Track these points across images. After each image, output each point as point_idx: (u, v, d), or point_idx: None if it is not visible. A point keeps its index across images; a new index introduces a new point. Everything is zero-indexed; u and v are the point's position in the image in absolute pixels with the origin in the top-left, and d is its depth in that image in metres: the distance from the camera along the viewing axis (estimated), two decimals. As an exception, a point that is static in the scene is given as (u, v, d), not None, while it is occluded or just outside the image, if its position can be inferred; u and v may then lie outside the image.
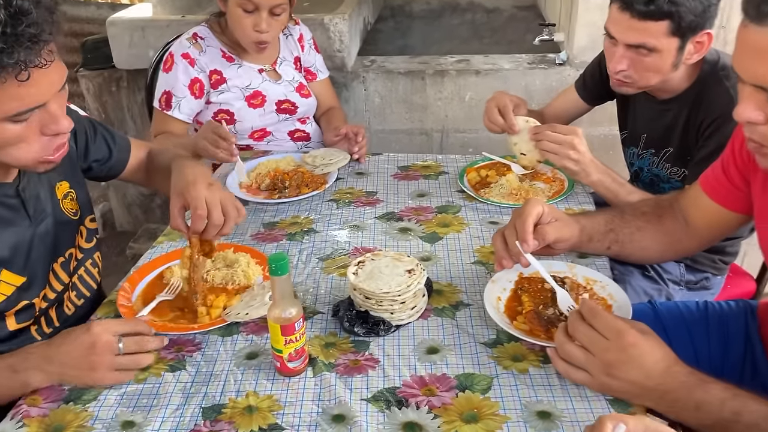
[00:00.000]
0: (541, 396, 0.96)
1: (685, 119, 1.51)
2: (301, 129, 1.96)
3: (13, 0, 0.88)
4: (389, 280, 1.10)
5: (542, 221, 1.13)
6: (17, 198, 1.13)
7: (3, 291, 1.10)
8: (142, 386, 1.01)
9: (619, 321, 0.95)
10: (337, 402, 0.96)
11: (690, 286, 1.67)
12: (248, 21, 1.71)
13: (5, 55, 0.88)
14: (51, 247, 1.20)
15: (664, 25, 1.35)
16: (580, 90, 1.83)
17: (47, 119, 1.00)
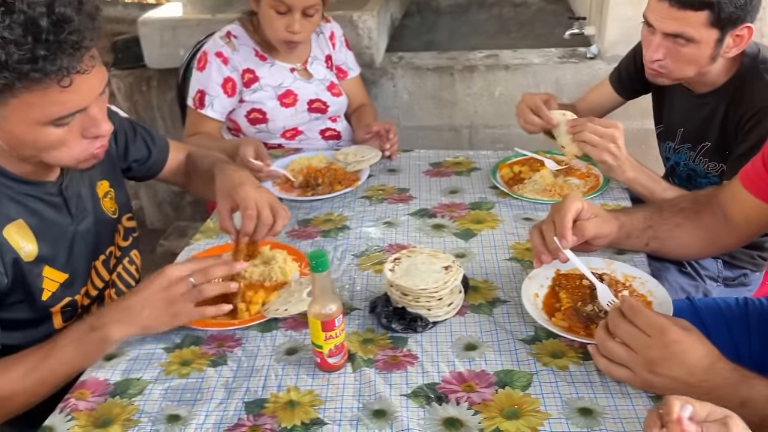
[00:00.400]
0: (582, 393, 0.95)
1: (724, 113, 1.48)
2: (332, 128, 1.97)
3: (55, 7, 0.90)
4: (426, 277, 1.11)
5: (581, 217, 1.12)
6: (60, 196, 1.16)
7: (48, 287, 1.13)
8: (186, 381, 1.03)
9: (662, 318, 0.94)
10: (378, 397, 0.97)
11: (728, 282, 1.65)
12: (281, 22, 1.72)
13: (48, 62, 0.90)
14: (92, 244, 1.23)
15: (704, 16, 1.32)
16: (614, 83, 1.80)
17: (88, 123, 1.03)
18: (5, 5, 0.88)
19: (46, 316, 1.16)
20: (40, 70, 0.90)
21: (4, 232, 1.05)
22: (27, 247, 1.09)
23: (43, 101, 0.95)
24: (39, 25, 0.89)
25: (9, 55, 0.88)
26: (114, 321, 1.04)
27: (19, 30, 0.88)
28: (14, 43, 0.88)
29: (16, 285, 1.08)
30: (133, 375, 1.05)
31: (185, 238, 3.17)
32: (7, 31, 0.88)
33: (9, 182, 1.08)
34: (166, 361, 1.07)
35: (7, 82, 0.91)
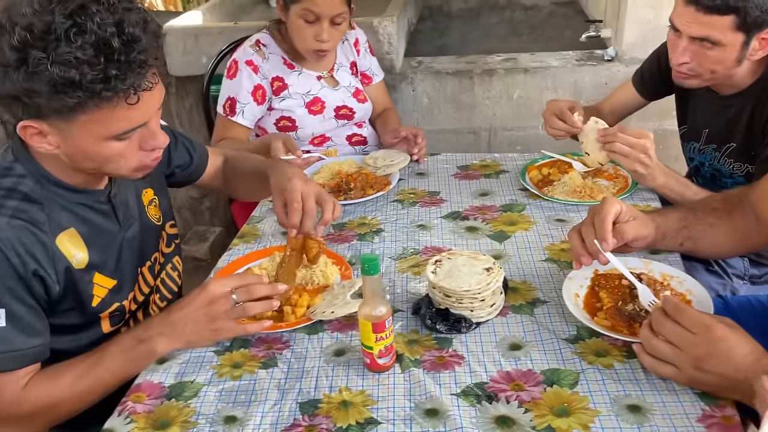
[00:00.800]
0: (629, 390, 0.98)
1: (749, 115, 1.50)
2: (358, 133, 1.99)
3: (125, 28, 0.94)
4: (468, 278, 1.13)
5: (620, 220, 1.15)
6: (109, 204, 1.19)
7: (98, 293, 1.16)
8: (238, 383, 1.05)
9: (706, 316, 0.96)
10: (429, 397, 0.99)
11: (754, 280, 1.67)
12: (309, 31, 1.75)
13: (119, 81, 0.94)
14: (138, 251, 1.26)
15: (730, 20, 1.35)
16: (637, 85, 1.83)
17: (147, 136, 1.06)
18: (77, 26, 0.91)
19: (95, 321, 1.19)
20: (112, 89, 0.94)
21: (57, 240, 1.08)
22: (78, 255, 1.12)
23: (111, 117, 0.98)
24: (111, 45, 0.92)
25: (83, 75, 0.91)
26: (159, 334, 1.08)
27: (90, 50, 0.92)
28: (87, 63, 0.91)
29: (67, 293, 1.11)
30: (187, 378, 1.07)
31: (205, 243, 3.21)
32: (80, 51, 0.91)
33: (61, 191, 1.11)
34: (217, 363, 1.10)
35: (79, 101, 0.94)
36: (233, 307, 1.08)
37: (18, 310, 1.02)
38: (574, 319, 1.11)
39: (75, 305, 1.14)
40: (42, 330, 1.07)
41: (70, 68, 0.91)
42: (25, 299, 1.03)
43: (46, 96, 0.93)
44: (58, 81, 0.92)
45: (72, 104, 0.94)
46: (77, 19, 0.92)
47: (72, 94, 0.93)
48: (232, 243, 1.47)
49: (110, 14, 0.94)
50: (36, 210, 1.06)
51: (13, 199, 1.05)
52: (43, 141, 1.02)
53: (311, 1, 1.71)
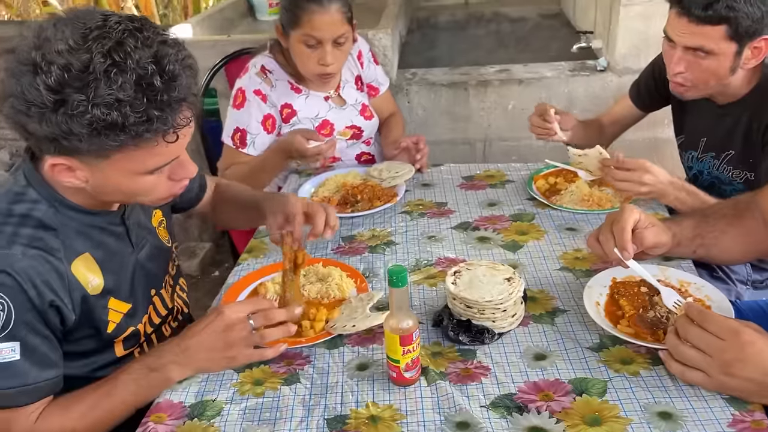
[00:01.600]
0: (658, 397, 0.98)
1: (747, 123, 1.53)
2: (366, 151, 1.97)
3: (165, 65, 0.91)
4: (490, 289, 1.13)
5: (639, 227, 1.16)
6: (122, 226, 1.16)
7: (113, 319, 1.13)
8: (262, 400, 1.03)
9: (732, 321, 0.97)
10: (458, 410, 0.98)
11: (756, 284, 1.69)
12: (312, 56, 1.70)
13: (161, 123, 0.92)
14: (151, 273, 1.23)
15: (722, 30, 1.37)
16: (634, 98, 1.85)
17: (177, 168, 1.05)
18: (116, 65, 0.88)
19: (109, 346, 1.16)
20: (154, 130, 0.92)
21: (72, 267, 1.05)
22: (94, 281, 1.08)
23: (147, 155, 0.96)
24: (153, 84, 0.90)
25: (125, 117, 0.89)
26: (172, 362, 1.05)
27: (131, 90, 0.88)
28: (129, 104, 0.88)
29: (83, 321, 1.08)
30: (208, 396, 1.05)
31: (195, 259, 3.16)
32: (121, 91, 0.88)
33: (75, 214, 1.07)
34: (238, 381, 1.08)
35: (121, 144, 0.92)
36: (250, 333, 1.05)
37: (33, 342, 0.99)
38: (595, 328, 1.12)
39: (91, 332, 1.11)
40: (56, 361, 1.03)
41: (112, 110, 0.88)
42: (40, 331, 1.00)
43: (87, 138, 0.90)
44: (99, 124, 0.89)
45: (113, 147, 0.92)
46: (116, 57, 0.88)
47: (113, 137, 0.90)
48: (240, 258, 1.45)
49: (147, 49, 0.90)
50: (51, 237, 1.02)
51: (28, 226, 1.01)
52: (71, 176, 0.99)
53: (310, 26, 1.66)
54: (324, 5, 1.65)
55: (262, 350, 1.06)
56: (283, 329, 1.07)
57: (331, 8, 1.66)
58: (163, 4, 6.53)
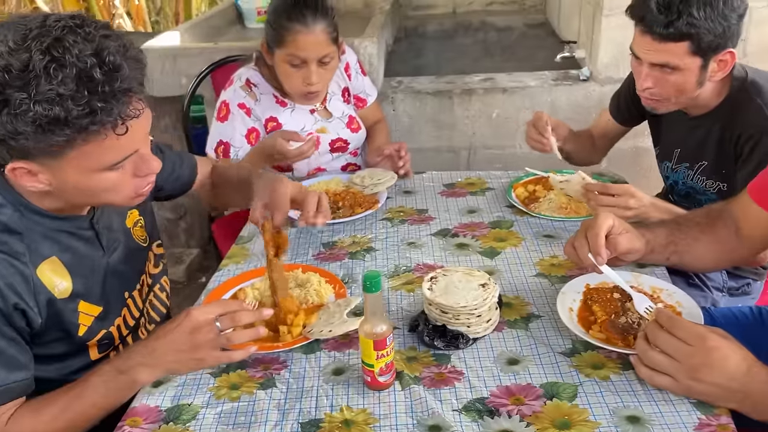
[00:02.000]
0: (627, 402, 0.99)
1: (719, 134, 1.56)
2: (352, 162, 1.97)
3: (105, 57, 0.91)
4: (465, 294, 1.14)
5: (613, 233, 1.18)
6: (91, 230, 1.16)
7: (84, 322, 1.13)
8: (237, 404, 1.04)
9: (700, 327, 0.99)
10: (430, 413, 1.00)
11: (732, 292, 1.72)
12: (297, 75, 1.70)
13: (105, 113, 0.92)
14: (125, 275, 1.23)
15: (685, 46, 1.40)
16: (613, 113, 1.87)
17: (140, 162, 1.04)
18: (55, 60, 0.88)
19: (83, 350, 1.16)
20: (99, 122, 0.92)
21: (37, 271, 1.05)
22: (62, 284, 1.09)
23: (101, 150, 0.96)
24: (93, 77, 0.90)
25: (68, 111, 0.89)
26: (140, 364, 1.04)
27: (72, 84, 0.89)
28: (71, 98, 0.89)
29: (51, 324, 1.08)
30: (184, 400, 1.05)
31: (181, 265, 3.16)
32: (62, 86, 0.88)
33: (41, 219, 1.07)
34: (214, 385, 1.08)
35: (68, 138, 0.92)
36: (218, 335, 1.04)
37: (0, 344, 0.99)
38: (568, 333, 1.13)
39: (61, 335, 1.11)
40: (26, 363, 1.04)
41: (54, 105, 0.88)
42: (6, 333, 1.00)
43: (33, 136, 0.90)
44: (43, 120, 0.89)
45: (60, 142, 0.92)
46: (55, 54, 0.89)
47: (59, 132, 0.91)
48: (221, 264, 1.46)
49: (88, 43, 0.91)
50: (15, 241, 1.03)
51: None
52: (34, 180, 0.99)
53: (295, 45, 1.66)
54: (309, 25, 1.64)
55: (230, 353, 1.06)
56: (252, 332, 1.07)
57: (316, 28, 1.65)
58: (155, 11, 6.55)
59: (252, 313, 1.08)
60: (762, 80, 1.50)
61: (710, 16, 1.36)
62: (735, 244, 1.30)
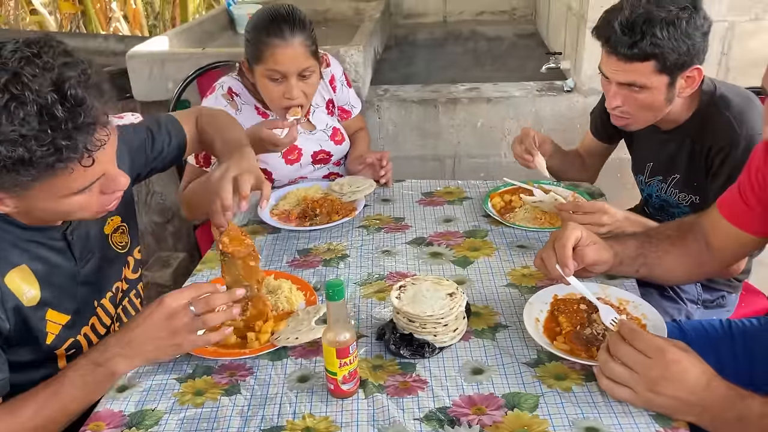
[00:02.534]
0: (587, 413, 1.00)
1: (690, 148, 1.57)
2: (335, 172, 1.97)
3: (67, 91, 0.90)
4: (432, 304, 1.15)
5: (581, 244, 1.19)
6: (63, 241, 1.16)
7: (51, 330, 1.14)
8: (201, 410, 1.05)
9: (659, 340, 1.00)
10: (392, 422, 1.00)
11: (707, 304, 1.73)
12: (277, 90, 1.69)
13: (70, 151, 0.91)
14: (96, 284, 1.23)
15: (650, 65, 1.42)
16: (593, 131, 1.89)
17: (107, 182, 1.05)
18: (15, 98, 0.87)
19: (51, 359, 1.17)
20: (65, 159, 0.91)
21: (5, 279, 1.05)
22: (30, 292, 1.09)
23: (67, 181, 0.96)
24: (55, 115, 0.88)
25: (32, 152, 0.88)
26: (117, 355, 1.04)
27: (35, 122, 0.88)
28: (34, 138, 0.88)
29: (18, 330, 1.08)
30: (148, 406, 1.06)
31: (168, 269, 3.15)
32: (25, 126, 0.87)
33: (12, 228, 1.08)
34: (179, 391, 1.09)
35: (33, 178, 0.92)
36: (193, 319, 1.05)
37: None
38: (534, 344, 1.14)
39: (27, 342, 1.11)
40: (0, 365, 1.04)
41: (17, 147, 0.87)
42: None
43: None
44: (7, 162, 0.88)
45: (26, 181, 0.92)
46: (14, 90, 0.87)
47: (24, 173, 0.90)
48: (195, 269, 1.46)
49: (47, 74, 0.89)
50: None
51: None
52: (0, 205, 1.00)
53: (273, 60, 1.65)
54: (287, 39, 1.64)
55: (207, 335, 1.07)
56: (226, 313, 1.08)
57: (294, 42, 1.65)
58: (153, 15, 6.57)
59: (225, 295, 1.09)
60: (730, 94, 1.51)
61: (674, 36, 1.37)
62: (705, 257, 1.31)
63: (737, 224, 1.25)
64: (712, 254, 1.31)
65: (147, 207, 3.27)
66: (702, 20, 1.40)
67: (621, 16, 1.40)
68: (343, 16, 3.63)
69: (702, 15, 1.41)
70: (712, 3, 2.25)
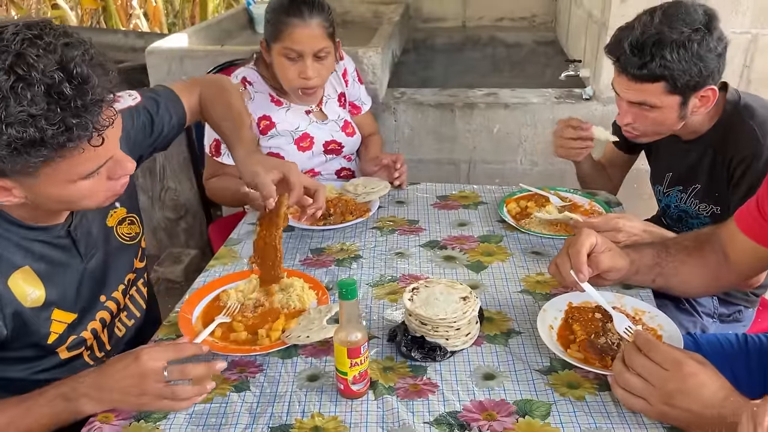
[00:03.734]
0: (600, 423, 0.99)
1: (712, 158, 1.55)
2: (346, 167, 1.98)
3: (72, 69, 0.89)
4: (445, 307, 1.14)
5: (596, 251, 1.17)
6: (68, 238, 1.15)
7: (55, 329, 1.13)
8: (209, 406, 1.04)
9: (677, 352, 0.98)
10: (401, 425, 0.99)
11: (723, 318, 1.70)
12: (293, 69, 1.73)
13: (80, 129, 0.90)
14: (102, 279, 1.22)
15: (661, 86, 1.40)
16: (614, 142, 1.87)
17: (114, 166, 1.04)
18: (21, 79, 0.86)
19: (51, 353, 1.15)
20: (75, 138, 0.91)
21: (9, 281, 1.04)
22: (34, 294, 1.08)
23: (76, 163, 0.95)
24: (63, 93, 0.88)
25: (43, 132, 0.87)
26: (86, 396, 1.00)
27: (43, 103, 0.87)
28: (44, 118, 0.87)
29: (18, 334, 1.07)
30: (157, 399, 1.05)
31: (179, 265, 3.17)
32: (33, 106, 0.86)
33: (15, 228, 1.07)
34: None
35: (45, 158, 0.91)
36: (164, 387, 0.98)
37: None
38: (547, 351, 1.13)
39: (28, 344, 1.10)
40: None
41: (27, 127, 0.87)
42: None
43: (9, 159, 0.89)
44: (17, 143, 0.87)
45: (37, 162, 0.91)
46: (19, 72, 0.86)
47: (35, 153, 0.90)
48: (208, 264, 1.46)
49: (51, 55, 0.89)
50: None
51: None
52: (8, 195, 0.99)
53: (290, 39, 1.70)
54: (305, 19, 1.69)
55: (174, 403, 1.01)
56: (198, 389, 1.01)
57: (312, 22, 1.70)
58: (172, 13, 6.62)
59: (203, 366, 1.01)
60: (755, 104, 1.49)
61: (684, 58, 1.35)
62: (723, 269, 1.29)
63: (755, 238, 1.23)
64: (730, 267, 1.29)
65: (160, 203, 3.28)
66: (716, 42, 1.38)
67: (632, 36, 1.39)
68: (362, 19, 3.64)
69: (716, 36, 1.38)
70: (736, 15, 2.23)
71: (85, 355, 1.20)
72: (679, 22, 1.37)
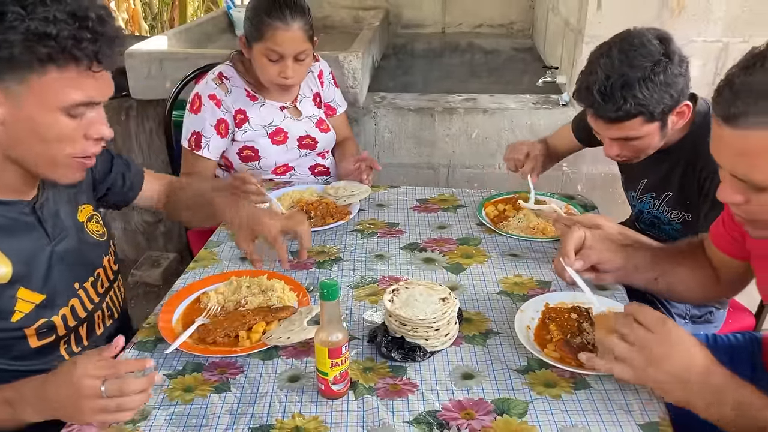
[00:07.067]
0: (576, 421, 1.01)
1: (683, 167, 1.58)
2: (321, 163, 2.02)
3: (99, 8, 1.01)
4: (424, 308, 1.15)
5: (585, 245, 1.21)
6: (33, 215, 1.16)
7: (21, 308, 1.12)
8: (190, 407, 1.04)
9: (664, 316, 0.99)
10: (381, 424, 1.00)
11: (695, 319, 1.74)
12: (274, 69, 1.77)
13: (90, 43, 0.99)
14: (74, 266, 1.22)
15: (638, 120, 1.41)
16: (575, 131, 1.90)
17: (96, 121, 1.08)
18: None
19: (20, 337, 1.14)
20: (83, 49, 0.99)
21: None
22: (1, 270, 1.08)
23: (70, 83, 1.01)
24: (87, 16, 0.99)
25: (59, 30, 0.97)
26: (28, 404, 0.99)
27: (66, 15, 0.98)
28: (64, 21, 0.97)
29: None
30: (136, 401, 1.05)
31: (157, 269, 3.14)
32: (58, 12, 0.97)
33: None
34: (168, 386, 1.08)
35: (50, 53, 0.97)
36: (102, 403, 0.94)
37: None
38: (525, 351, 1.15)
39: None
40: None
41: (48, 24, 0.96)
42: None
43: (20, 45, 0.96)
44: (33, 33, 0.96)
45: (42, 55, 0.97)
46: None
47: (45, 44, 0.96)
48: (188, 267, 1.46)
49: None
50: None
51: None
52: None
53: (273, 41, 1.73)
54: (288, 22, 1.72)
55: (117, 414, 0.96)
56: (142, 396, 0.96)
57: (294, 26, 1.73)
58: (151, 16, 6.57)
59: (143, 380, 0.96)
60: None
61: (654, 90, 1.36)
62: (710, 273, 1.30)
63: (725, 251, 1.25)
64: (717, 275, 1.31)
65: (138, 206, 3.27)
66: (678, 65, 1.38)
67: (598, 83, 1.38)
68: (342, 24, 3.66)
69: (677, 60, 1.38)
70: (707, 24, 2.29)
71: (62, 348, 1.19)
72: (638, 59, 1.36)
